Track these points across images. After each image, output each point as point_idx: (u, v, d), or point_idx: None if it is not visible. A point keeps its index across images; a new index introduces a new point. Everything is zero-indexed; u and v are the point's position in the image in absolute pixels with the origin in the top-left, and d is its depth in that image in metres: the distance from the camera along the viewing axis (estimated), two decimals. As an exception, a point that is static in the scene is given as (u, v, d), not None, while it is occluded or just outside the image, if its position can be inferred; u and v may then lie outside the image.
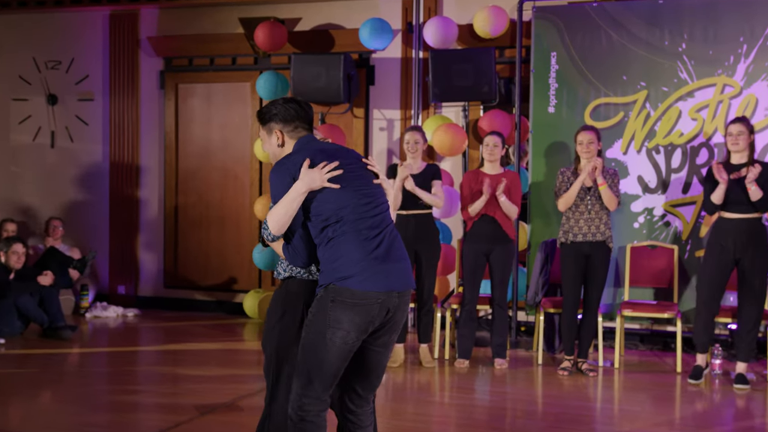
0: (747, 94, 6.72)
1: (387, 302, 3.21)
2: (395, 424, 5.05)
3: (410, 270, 3.32)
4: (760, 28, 6.66)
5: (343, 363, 3.24)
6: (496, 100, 7.45)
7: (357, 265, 3.19)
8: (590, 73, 7.13)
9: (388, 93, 8.25)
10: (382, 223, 3.29)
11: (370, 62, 8.29)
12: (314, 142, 3.44)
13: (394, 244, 3.28)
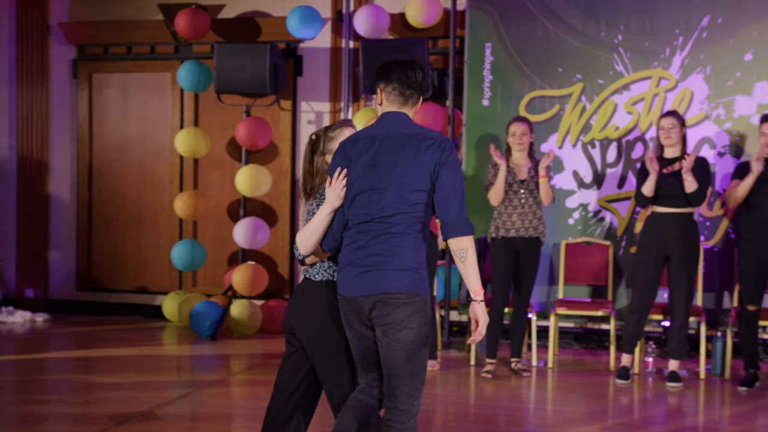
0: (682, 87, 6.89)
1: (354, 304, 3.39)
2: (323, 430, 5.02)
3: (386, 276, 3.35)
4: (696, 20, 6.84)
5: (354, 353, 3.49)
6: (429, 92, 7.47)
7: (340, 269, 3.45)
8: (525, 64, 7.21)
9: (317, 84, 8.21)
10: (373, 228, 3.39)
11: (297, 52, 8.25)
12: (385, 123, 3.46)
13: (376, 249, 3.37)
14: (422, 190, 3.36)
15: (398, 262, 3.35)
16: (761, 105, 6.70)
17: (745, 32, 6.75)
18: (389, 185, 3.37)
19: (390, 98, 3.46)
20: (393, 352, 3.35)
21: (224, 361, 6.89)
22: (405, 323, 3.34)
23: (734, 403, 5.65)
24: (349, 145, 3.46)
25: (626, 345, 6.17)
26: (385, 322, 3.34)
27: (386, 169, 3.38)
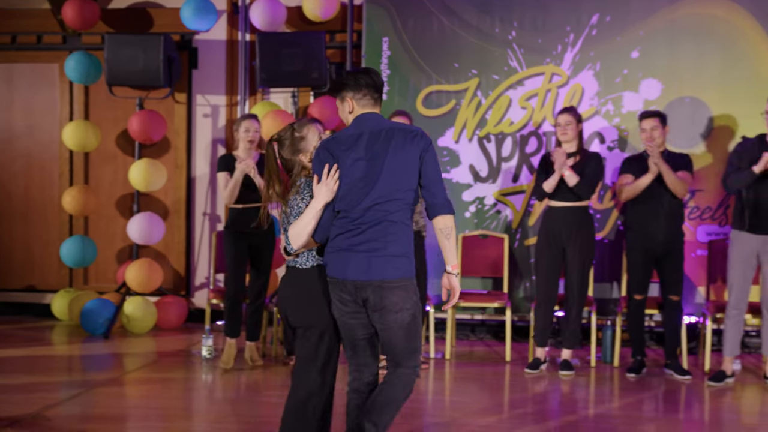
0: (574, 83, 7.01)
1: (350, 287, 3.65)
2: (220, 426, 4.90)
3: (376, 262, 3.62)
4: (586, 17, 6.97)
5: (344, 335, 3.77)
6: (327, 86, 7.40)
7: (334, 254, 3.70)
8: (422, 59, 7.22)
9: (213, 77, 8.03)
10: (367, 216, 3.65)
11: (192, 44, 8.04)
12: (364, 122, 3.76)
13: (371, 236, 3.64)
14: (411, 177, 3.68)
15: (393, 249, 3.64)
16: (647, 101, 6.88)
17: (632, 31, 6.92)
18: (382, 175, 3.66)
19: (362, 103, 3.79)
20: (392, 333, 3.66)
21: (117, 360, 6.66)
22: (401, 305, 3.63)
23: (623, 389, 5.79)
24: (333, 144, 3.72)
25: (538, 338, 6.26)
26: (382, 306, 3.62)
27: (378, 160, 3.67)
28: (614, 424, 5.00)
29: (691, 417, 5.28)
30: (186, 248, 8.07)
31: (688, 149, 6.75)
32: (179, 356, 6.67)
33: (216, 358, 6.47)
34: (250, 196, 6.14)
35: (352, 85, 3.79)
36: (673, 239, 6.04)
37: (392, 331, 3.66)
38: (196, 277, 8.10)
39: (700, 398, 5.61)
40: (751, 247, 5.79)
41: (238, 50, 7.90)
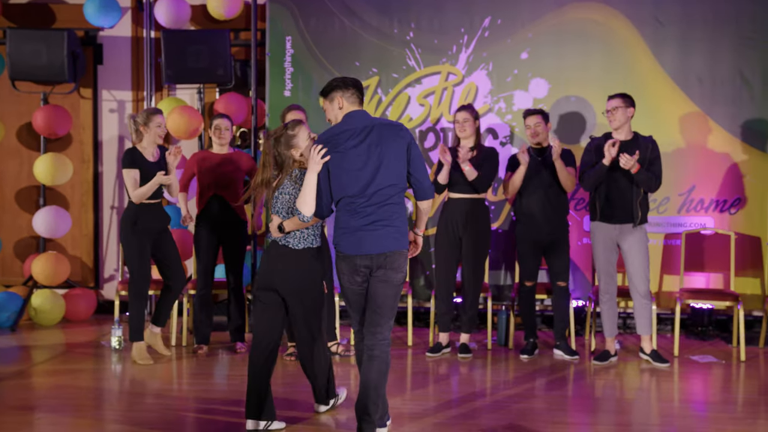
0: (468, 82, 7.26)
1: (363, 260, 4.30)
2: (131, 416, 4.94)
3: (385, 237, 4.30)
4: (478, 20, 7.22)
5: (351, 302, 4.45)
6: (232, 82, 7.45)
7: (347, 234, 4.33)
8: (324, 58, 7.34)
9: (119, 73, 7.96)
10: (372, 200, 4.27)
11: (97, 40, 7.95)
12: (354, 119, 4.34)
13: (378, 216, 4.28)
14: (402, 166, 4.31)
15: (400, 224, 4.33)
16: (536, 99, 7.19)
17: (521, 33, 7.20)
18: (380, 165, 4.26)
19: (350, 100, 4.37)
20: (387, 289, 4.31)
21: (25, 352, 6.57)
22: (400, 267, 4.34)
23: (517, 370, 6.07)
24: (331, 140, 4.31)
25: (440, 324, 6.48)
26: (391, 267, 4.30)
27: (374, 152, 4.25)
28: (509, 402, 5.26)
29: (579, 393, 5.58)
30: (94, 241, 8.00)
31: (574, 145, 7.08)
32: (88, 347, 6.64)
33: (126, 349, 6.47)
34: (157, 193, 6.17)
35: (340, 85, 4.37)
36: (558, 230, 6.33)
37: (387, 288, 4.32)
38: (105, 270, 8.04)
39: (587, 376, 5.93)
40: (609, 236, 6.14)
41: (143, 47, 7.86)
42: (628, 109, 6.10)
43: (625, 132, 6.13)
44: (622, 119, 6.09)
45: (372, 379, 4.31)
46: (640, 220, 6.06)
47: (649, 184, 6.01)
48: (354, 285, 4.38)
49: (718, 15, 6.99)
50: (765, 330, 6.73)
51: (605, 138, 6.17)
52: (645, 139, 6.12)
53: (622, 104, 6.09)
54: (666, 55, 7.05)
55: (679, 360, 6.34)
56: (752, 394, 5.59)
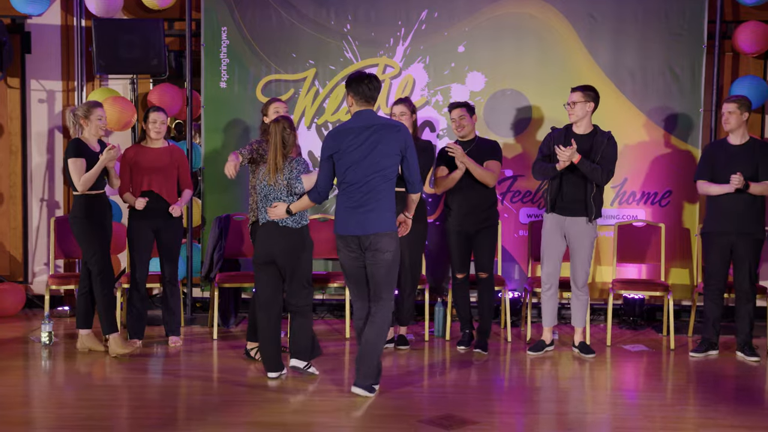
0: (406, 74, 7.27)
1: (355, 239, 5.05)
2: (59, 413, 4.82)
3: (377, 219, 5.01)
4: (415, 13, 7.23)
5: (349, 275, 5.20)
6: (167, 73, 7.32)
7: (344, 217, 5.08)
8: (261, 49, 7.27)
9: (48, 62, 7.76)
10: (363, 188, 5.00)
11: (25, 28, 7.73)
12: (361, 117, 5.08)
13: (367, 201, 5.00)
14: (396, 161, 5.04)
15: (384, 210, 5.02)
16: (473, 92, 7.23)
17: (458, 27, 7.24)
18: (375, 160, 4.97)
19: (360, 102, 5.08)
20: (380, 268, 5.05)
21: (-49, 351, 6.38)
22: (387, 248, 5.03)
23: (453, 361, 6.11)
24: (338, 134, 5.06)
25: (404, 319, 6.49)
26: (376, 248, 5.02)
27: (371, 148, 4.98)
28: (446, 393, 5.29)
29: (515, 383, 5.64)
30: (23, 235, 7.79)
31: (510, 138, 7.16)
32: (17, 343, 6.46)
33: (55, 344, 6.32)
34: (100, 183, 6.03)
35: (352, 86, 5.07)
36: (483, 222, 6.30)
37: (380, 267, 5.04)
38: (35, 264, 7.84)
39: (523, 366, 6.00)
40: (560, 227, 6.22)
41: (73, 35, 7.67)
42: (588, 103, 6.09)
43: (584, 126, 6.13)
44: (581, 113, 6.10)
45: (370, 339, 5.09)
46: (594, 215, 6.10)
47: (593, 175, 6.02)
48: (349, 260, 5.11)
49: (648, 11, 7.13)
50: (693, 319, 6.90)
51: (566, 129, 6.19)
52: (603, 134, 6.13)
53: (581, 98, 6.09)
54: (599, 49, 7.17)
55: (612, 349, 6.46)
56: (681, 382, 5.72)
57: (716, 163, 6.21)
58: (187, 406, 5.01)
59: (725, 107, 6.19)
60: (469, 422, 4.66)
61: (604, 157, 6.07)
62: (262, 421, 4.67)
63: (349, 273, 5.18)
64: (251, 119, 7.28)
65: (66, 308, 7.55)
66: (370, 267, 5.09)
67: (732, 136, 6.23)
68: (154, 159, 6.27)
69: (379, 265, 5.07)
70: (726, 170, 6.14)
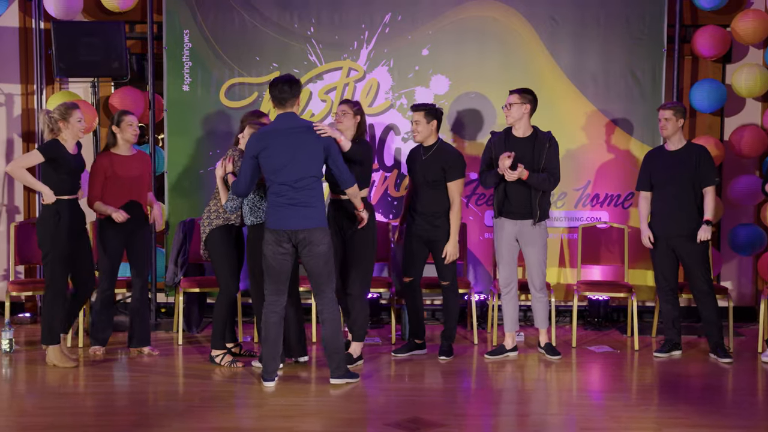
0: (370, 78, 7.28)
1: (287, 234, 5.30)
2: (21, 421, 4.76)
3: (310, 215, 5.29)
4: (379, 16, 7.25)
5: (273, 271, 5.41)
6: (128, 76, 7.25)
7: (274, 212, 5.32)
8: (224, 52, 7.24)
9: (6, 65, 7.65)
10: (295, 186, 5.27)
11: (-17, 31, 7.62)
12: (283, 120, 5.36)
13: (301, 199, 5.27)
14: (321, 160, 5.35)
15: (315, 206, 5.32)
16: (437, 95, 7.26)
17: (422, 30, 7.26)
18: (302, 160, 5.26)
19: (276, 105, 5.37)
20: (318, 260, 5.32)
21: None
22: (321, 240, 5.31)
23: (418, 364, 6.11)
24: (263, 135, 5.32)
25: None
26: (310, 242, 5.28)
27: (299, 150, 5.26)
28: (411, 395, 5.30)
29: (481, 385, 5.67)
30: (-17, 241, 7.67)
31: (474, 141, 7.20)
32: (-24, 352, 6.36)
33: (16, 351, 6.23)
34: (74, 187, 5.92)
35: (269, 91, 5.37)
36: (438, 228, 6.15)
37: (317, 260, 5.31)
38: (-6, 271, 7.73)
39: (489, 369, 6.03)
40: (510, 231, 6.21)
41: (32, 38, 7.57)
42: (524, 105, 6.11)
43: (523, 128, 6.17)
44: (517, 115, 6.11)
45: (329, 336, 5.40)
46: (539, 218, 6.15)
47: (543, 186, 6.06)
48: (277, 255, 5.29)
49: (610, 15, 7.22)
50: (657, 320, 6.99)
51: (505, 133, 6.24)
52: (543, 135, 6.17)
53: (518, 100, 6.11)
54: (562, 53, 7.24)
55: (577, 350, 6.52)
56: (645, 382, 5.80)
57: (655, 171, 6.33)
58: (153, 412, 4.97)
59: (661, 114, 6.31)
60: (436, 425, 4.67)
61: (549, 161, 6.07)
62: (227, 426, 4.64)
63: (274, 268, 5.34)
64: (215, 122, 7.24)
65: (27, 315, 7.44)
66: (307, 261, 5.34)
67: (669, 143, 6.35)
68: (131, 168, 6.08)
69: (317, 258, 5.31)
70: (665, 176, 6.26)
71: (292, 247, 5.33)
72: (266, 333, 5.42)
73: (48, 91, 7.59)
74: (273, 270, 5.36)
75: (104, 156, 6.10)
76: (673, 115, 6.25)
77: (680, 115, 6.27)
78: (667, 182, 6.26)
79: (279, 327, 5.43)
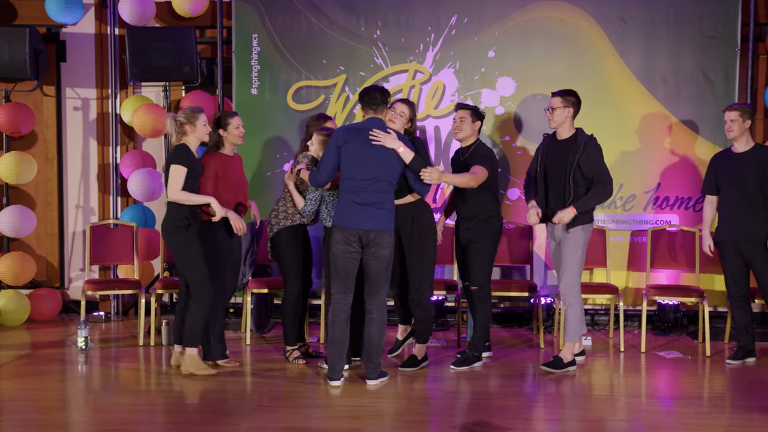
0: (435, 80, 7.28)
1: (359, 233, 5.35)
2: (96, 417, 4.89)
3: (378, 217, 5.36)
4: (445, 18, 7.24)
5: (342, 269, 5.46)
6: (198, 80, 7.40)
7: (347, 211, 5.39)
8: (291, 56, 7.33)
9: (83, 70, 7.88)
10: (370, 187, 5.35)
11: (60, 37, 7.85)
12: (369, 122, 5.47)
13: (373, 199, 5.34)
14: (397, 169, 5.43)
15: (388, 210, 5.40)
16: (503, 98, 7.23)
17: (488, 32, 7.24)
18: (381, 162, 5.35)
19: (367, 111, 5.48)
20: (381, 263, 5.39)
21: (-11, 355, 6.48)
22: (388, 244, 5.39)
23: (486, 366, 6.09)
24: (352, 132, 5.41)
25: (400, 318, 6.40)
26: (377, 244, 5.35)
27: (380, 152, 5.35)
28: (477, 398, 5.28)
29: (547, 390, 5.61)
30: (59, 240, 7.90)
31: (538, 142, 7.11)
32: (54, 348, 6.56)
33: (92, 349, 6.41)
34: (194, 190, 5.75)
35: (362, 98, 5.49)
36: (472, 232, 6.02)
37: (380, 263, 5.39)
38: (71, 270, 7.94)
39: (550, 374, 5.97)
40: (552, 236, 6.01)
41: (107, 44, 7.78)
42: (567, 109, 5.88)
43: (566, 131, 5.93)
44: (559, 119, 5.89)
45: (373, 337, 5.47)
46: (571, 224, 5.87)
47: (597, 201, 5.83)
48: (345, 254, 5.34)
49: (680, 15, 7.08)
50: (729, 326, 6.83)
51: (552, 137, 6.02)
52: (581, 137, 5.88)
53: (560, 104, 5.88)
54: (631, 54, 7.13)
55: (646, 356, 6.42)
56: (717, 389, 5.68)
57: (721, 173, 6.19)
58: (222, 411, 5.05)
59: (727, 115, 6.14)
60: (502, 428, 4.65)
61: (590, 169, 5.79)
62: (295, 426, 4.70)
63: (344, 267, 5.38)
64: (282, 125, 7.33)
65: (102, 314, 7.65)
66: (371, 262, 5.39)
67: (736, 144, 6.18)
68: (236, 170, 5.98)
69: (381, 260, 5.39)
70: (731, 179, 6.12)
71: (360, 247, 5.38)
72: (333, 332, 5.46)
73: (122, 95, 7.78)
74: (342, 269, 5.40)
75: (215, 157, 5.88)
76: (740, 117, 6.10)
77: (747, 116, 6.11)
78: (733, 185, 6.12)
79: (346, 326, 5.47)
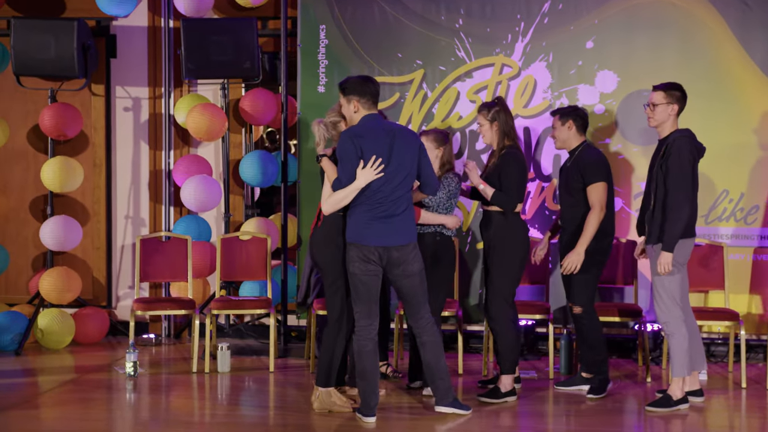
0: (525, 75, 7.10)
1: (379, 250, 5.16)
2: None
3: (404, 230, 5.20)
4: (537, 5, 7.06)
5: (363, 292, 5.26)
6: (260, 77, 7.37)
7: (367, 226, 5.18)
8: (363, 49, 7.24)
9: (134, 67, 7.93)
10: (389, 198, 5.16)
11: (110, 31, 7.92)
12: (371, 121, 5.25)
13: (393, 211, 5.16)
14: (414, 168, 5.25)
15: (410, 219, 5.26)
16: (603, 94, 7.00)
17: (586, 19, 7.03)
18: (401, 165, 5.17)
19: (366, 106, 5.26)
20: (414, 279, 5.24)
21: (31, 378, 6.54)
22: (416, 258, 5.25)
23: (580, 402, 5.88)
24: (361, 139, 5.16)
25: None
26: (405, 260, 5.19)
27: (394, 155, 5.16)
28: None
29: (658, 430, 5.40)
30: (107, 255, 7.95)
31: (647, 146, 6.87)
32: (100, 373, 6.58)
33: (141, 376, 6.40)
34: None
35: (359, 90, 5.24)
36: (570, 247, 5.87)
37: (412, 279, 5.23)
38: (119, 287, 7.99)
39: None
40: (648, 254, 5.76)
41: (161, 38, 7.82)
42: (671, 105, 5.60)
43: (667, 131, 5.63)
44: (662, 117, 5.61)
45: (430, 360, 5.31)
46: (652, 239, 5.59)
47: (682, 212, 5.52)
48: (366, 273, 5.15)
49: (813, -4, 6.77)
50: None
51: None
52: (671, 135, 5.59)
53: (664, 100, 5.60)
54: (754, 43, 6.83)
55: (771, 392, 6.11)
56: None
57: None
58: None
59: None
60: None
61: (667, 169, 5.51)
62: None
63: (363, 284, 5.18)
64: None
65: (152, 336, 7.65)
66: (403, 282, 5.24)
67: None
68: None
69: (412, 277, 5.24)
70: None
71: (380, 266, 5.18)
72: (362, 365, 5.20)
73: (176, 93, 7.81)
74: (363, 287, 5.18)
75: None
76: None
77: None
78: None
79: (375, 356, 5.25)
